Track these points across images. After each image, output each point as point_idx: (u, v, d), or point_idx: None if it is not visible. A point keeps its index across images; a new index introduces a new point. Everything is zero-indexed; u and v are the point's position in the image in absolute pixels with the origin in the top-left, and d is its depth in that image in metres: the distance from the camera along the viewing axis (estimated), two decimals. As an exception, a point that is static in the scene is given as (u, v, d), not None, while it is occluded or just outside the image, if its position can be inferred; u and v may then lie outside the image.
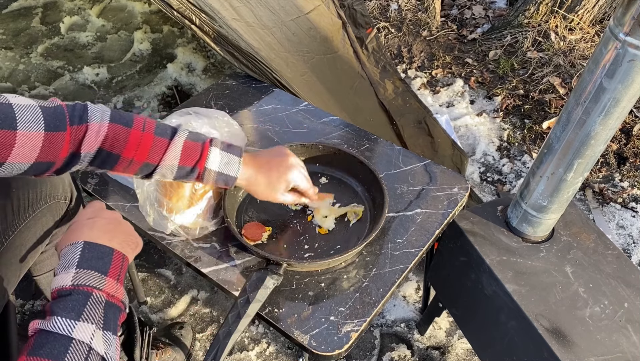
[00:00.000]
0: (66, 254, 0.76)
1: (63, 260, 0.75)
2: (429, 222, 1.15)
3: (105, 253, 0.77)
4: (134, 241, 0.85)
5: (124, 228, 0.85)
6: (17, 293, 1.64)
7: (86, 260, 0.74)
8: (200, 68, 2.60)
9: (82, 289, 0.70)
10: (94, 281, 0.72)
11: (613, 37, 0.84)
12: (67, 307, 0.68)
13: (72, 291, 0.70)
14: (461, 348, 1.59)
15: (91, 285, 0.71)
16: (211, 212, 1.12)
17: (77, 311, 0.68)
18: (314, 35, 1.70)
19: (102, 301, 0.71)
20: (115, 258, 0.77)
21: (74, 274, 0.72)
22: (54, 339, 0.65)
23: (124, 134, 0.87)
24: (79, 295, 0.70)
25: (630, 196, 2.04)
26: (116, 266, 0.77)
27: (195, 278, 1.75)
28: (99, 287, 0.72)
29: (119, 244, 0.80)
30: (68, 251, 0.76)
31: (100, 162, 0.88)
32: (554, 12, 2.64)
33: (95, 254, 0.76)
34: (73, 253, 0.75)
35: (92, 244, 0.77)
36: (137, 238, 0.87)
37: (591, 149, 0.98)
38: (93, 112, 0.86)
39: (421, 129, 1.89)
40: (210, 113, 1.21)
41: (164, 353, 1.44)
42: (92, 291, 0.71)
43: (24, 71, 2.61)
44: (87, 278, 0.72)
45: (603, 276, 1.12)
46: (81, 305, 0.69)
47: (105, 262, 0.76)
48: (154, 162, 0.91)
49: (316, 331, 0.96)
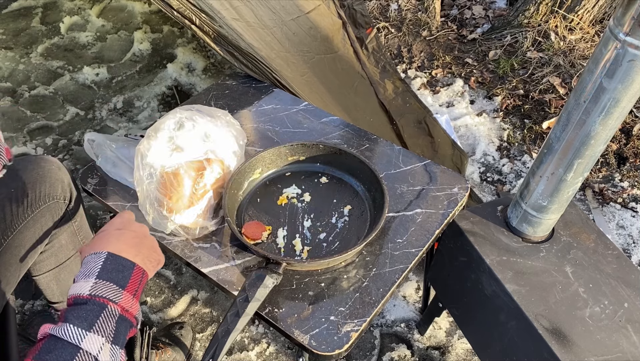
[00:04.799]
0: (88, 263, 0.76)
1: (84, 268, 0.75)
2: (429, 222, 1.14)
3: (126, 266, 0.77)
4: (157, 258, 0.85)
5: (150, 243, 0.85)
6: (16, 293, 1.64)
7: (107, 271, 0.74)
8: (200, 68, 2.60)
9: (98, 301, 0.71)
10: (111, 294, 0.72)
11: (613, 37, 0.84)
12: (81, 316, 0.68)
13: (88, 301, 0.71)
14: (461, 348, 1.58)
15: (108, 297, 0.71)
16: (211, 212, 1.12)
17: (90, 321, 0.68)
18: (314, 35, 1.70)
19: (115, 314, 0.71)
20: (135, 273, 0.77)
21: (93, 284, 0.72)
22: (62, 346, 0.65)
23: None
24: (94, 306, 0.70)
25: (630, 196, 2.04)
26: (135, 281, 0.77)
27: (195, 278, 1.75)
28: (115, 300, 0.72)
29: (142, 260, 0.80)
30: (91, 259, 0.76)
31: None
32: (554, 12, 2.64)
33: (117, 266, 0.76)
34: (95, 262, 0.75)
35: (115, 256, 0.77)
36: (160, 255, 0.87)
37: (591, 149, 0.98)
38: None
39: (421, 129, 1.89)
40: (212, 112, 1.21)
41: (164, 353, 1.44)
42: (107, 304, 0.71)
43: (24, 71, 2.61)
44: (105, 290, 0.72)
45: (603, 276, 1.12)
46: (95, 316, 0.69)
47: (125, 275, 0.76)
48: None
49: (316, 331, 0.96)
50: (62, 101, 2.46)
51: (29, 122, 2.33)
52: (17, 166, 1.12)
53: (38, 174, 1.11)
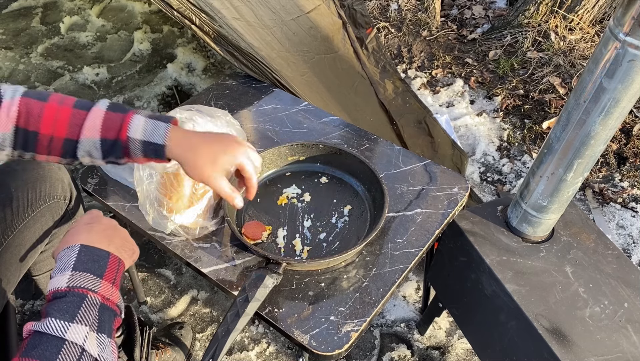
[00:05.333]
0: (62, 257, 0.76)
1: (59, 263, 0.75)
2: (429, 222, 1.15)
3: (101, 256, 0.77)
4: (131, 247, 0.85)
5: (121, 234, 0.85)
6: (17, 293, 1.64)
7: (82, 263, 0.74)
8: (200, 68, 2.60)
9: (77, 291, 0.70)
10: (89, 284, 0.72)
11: (613, 37, 0.84)
12: (62, 309, 0.68)
13: (67, 293, 0.70)
14: (461, 348, 1.58)
15: (86, 287, 0.71)
16: (211, 212, 1.12)
17: (72, 313, 0.68)
18: (314, 34, 1.70)
19: (96, 303, 0.71)
20: (111, 262, 0.77)
21: (70, 276, 0.72)
22: (47, 340, 0.65)
23: (37, 109, 0.82)
24: (73, 297, 0.70)
25: (630, 196, 2.04)
26: (112, 269, 0.77)
27: (195, 278, 1.75)
28: (94, 289, 0.72)
29: (116, 249, 0.80)
30: (64, 254, 0.76)
31: (22, 144, 0.83)
32: (554, 12, 2.64)
33: (92, 257, 0.76)
34: (69, 256, 0.75)
35: (88, 248, 0.77)
36: (133, 245, 0.87)
37: (591, 149, 0.98)
38: (5, 91, 0.82)
39: (421, 129, 1.89)
40: (213, 112, 1.21)
41: (164, 353, 1.44)
42: (87, 293, 0.71)
43: (24, 71, 2.61)
44: (83, 280, 0.72)
45: (603, 276, 1.12)
46: (76, 306, 0.69)
47: (101, 265, 0.76)
48: (74, 137, 0.83)
49: (316, 331, 0.96)
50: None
51: (29, 122, 2.33)
52: (17, 166, 1.12)
53: (38, 174, 1.11)
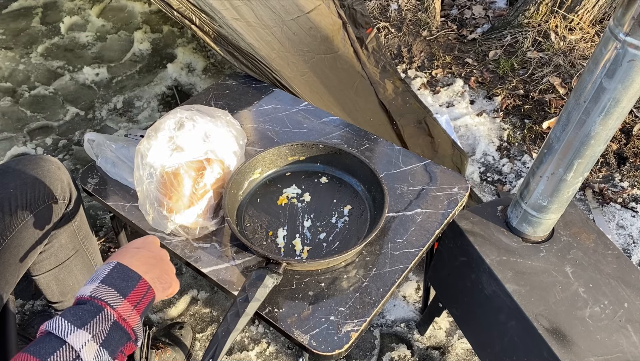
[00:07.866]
0: (98, 271, 0.76)
1: (94, 275, 0.76)
2: (429, 222, 1.14)
3: (132, 277, 0.76)
4: (168, 281, 0.84)
5: (164, 267, 0.84)
6: (16, 293, 1.64)
7: (111, 278, 0.74)
8: (200, 68, 2.60)
9: (96, 303, 0.71)
10: (110, 299, 0.72)
11: (613, 37, 0.84)
12: (77, 314, 0.68)
13: (88, 301, 0.71)
14: (461, 348, 1.58)
15: (106, 301, 0.71)
16: (211, 212, 1.12)
17: (84, 320, 0.68)
18: (314, 34, 1.70)
19: (110, 319, 0.70)
20: (140, 286, 0.76)
21: (96, 287, 0.72)
22: (49, 339, 0.65)
23: None
24: (91, 307, 0.70)
25: (630, 196, 2.04)
26: (138, 293, 0.76)
27: (195, 278, 1.75)
28: (113, 305, 0.71)
29: (152, 279, 0.79)
30: (101, 268, 0.77)
31: None
32: (554, 12, 2.64)
33: (122, 275, 0.76)
34: (104, 270, 0.76)
35: (123, 267, 0.77)
36: (174, 280, 0.85)
37: (591, 149, 0.98)
38: None
39: (421, 129, 1.89)
40: (213, 112, 1.21)
41: (164, 353, 1.44)
42: (104, 307, 0.70)
43: (24, 71, 2.61)
44: (105, 294, 0.72)
45: (603, 276, 1.12)
46: (90, 316, 0.69)
47: (128, 285, 0.75)
48: None
49: (316, 331, 0.96)
50: (62, 101, 2.46)
51: (29, 122, 2.33)
52: (17, 166, 1.12)
53: (38, 174, 1.11)
